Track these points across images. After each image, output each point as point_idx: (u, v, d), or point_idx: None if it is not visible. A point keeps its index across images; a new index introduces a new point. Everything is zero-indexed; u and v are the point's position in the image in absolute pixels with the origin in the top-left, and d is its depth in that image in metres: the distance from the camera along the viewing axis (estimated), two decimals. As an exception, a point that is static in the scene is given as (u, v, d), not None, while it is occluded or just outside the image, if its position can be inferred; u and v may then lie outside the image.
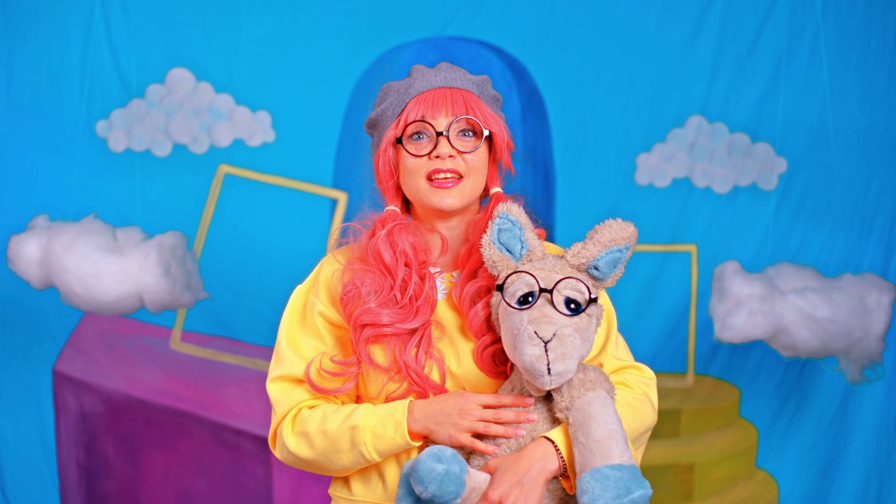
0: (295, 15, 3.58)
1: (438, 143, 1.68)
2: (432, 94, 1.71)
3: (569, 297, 1.59)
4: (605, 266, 1.62)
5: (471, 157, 1.69)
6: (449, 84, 1.71)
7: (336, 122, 3.63)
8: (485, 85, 1.76)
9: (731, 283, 3.26)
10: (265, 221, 3.64)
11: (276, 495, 3.63)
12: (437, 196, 1.69)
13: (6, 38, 3.48)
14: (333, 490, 1.78)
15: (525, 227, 1.66)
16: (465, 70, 1.76)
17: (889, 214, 3.66)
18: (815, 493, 3.72)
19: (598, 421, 1.55)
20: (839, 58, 3.61)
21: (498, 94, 1.79)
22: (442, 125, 1.69)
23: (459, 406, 1.61)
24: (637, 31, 3.64)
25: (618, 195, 3.69)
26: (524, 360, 1.55)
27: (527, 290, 1.60)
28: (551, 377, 1.54)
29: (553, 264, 1.63)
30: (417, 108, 1.70)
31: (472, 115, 1.69)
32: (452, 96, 1.70)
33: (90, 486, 3.67)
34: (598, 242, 1.62)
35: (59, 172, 3.54)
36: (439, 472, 1.51)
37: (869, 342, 3.28)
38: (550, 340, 1.54)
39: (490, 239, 1.65)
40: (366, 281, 1.70)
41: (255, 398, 3.65)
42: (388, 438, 1.63)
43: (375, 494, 1.71)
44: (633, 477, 1.49)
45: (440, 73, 1.73)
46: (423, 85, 1.72)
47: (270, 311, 3.65)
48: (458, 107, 1.69)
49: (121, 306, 3.22)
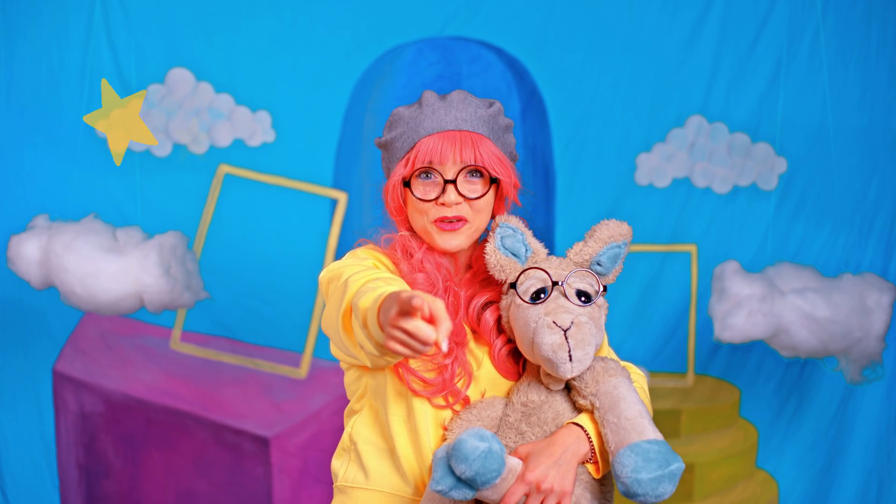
0: (295, 15, 3.58)
1: (446, 190, 1.70)
2: (441, 137, 1.71)
3: (580, 289, 1.66)
4: (608, 261, 1.70)
5: (477, 201, 1.72)
6: (458, 126, 1.71)
7: (336, 122, 3.63)
8: (496, 118, 1.76)
9: (731, 283, 3.26)
10: (265, 221, 3.64)
11: (276, 495, 3.63)
12: (442, 239, 1.73)
13: (6, 38, 3.48)
14: (345, 481, 1.79)
15: (526, 233, 1.73)
16: (477, 102, 1.75)
17: (889, 214, 3.66)
18: (815, 493, 3.72)
19: (627, 402, 1.62)
20: (839, 58, 3.61)
21: (509, 122, 1.80)
22: (450, 173, 1.70)
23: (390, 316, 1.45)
24: (637, 31, 3.64)
25: (618, 195, 3.69)
26: (544, 349, 1.61)
27: (540, 286, 1.66)
28: (572, 364, 1.60)
29: (559, 262, 1.71)
30: (426, 153, 1.71)
31: (480, 162, 1.71)
32: (462, 141, 1.71)
33: (90, 486, 3.67)
34: (598, 240, 1.70)
35: (59, 172, 3.54)
36: (483, 449, 1.54)
37: (869, 342, 3.28)
38: (569, 328, 1.61)
39: (495, 246, 1.71)
40: (416, 283, 1.73)
41: (255, 398, 3.66)
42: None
43: (394, 485, 1.73)
44: (669, 451, 1.56)
45: (450, 112, 1.72)
46: (432, 125, 1.72)
47: (270, 311, 3.65)
48: (468, 153, 1.70)
49: (121, 306, 3.22)
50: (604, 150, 3.69)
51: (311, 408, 3.66)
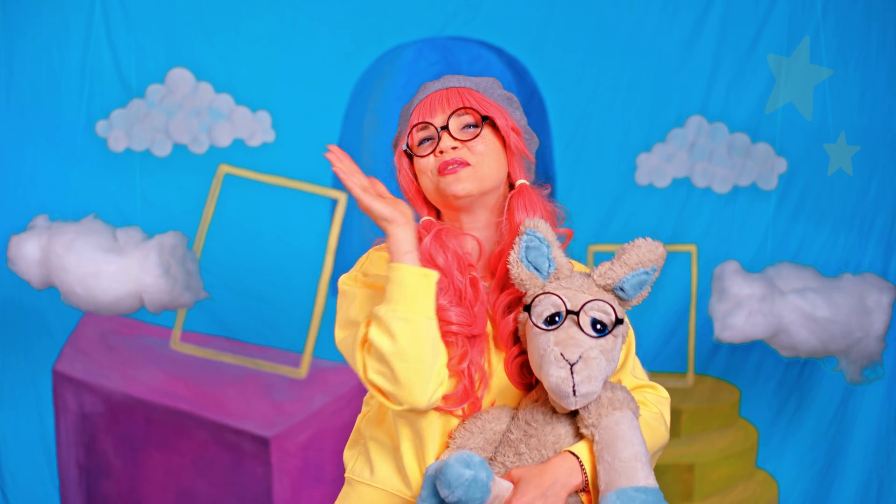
0: (295, 14, 3.58)
1: (441, 139, 1.71)
2: (430, 97, 1.75)
3: (595, 319, 1.60)
4: (631, 288, 1.63)
5: (476, 145, 1.71)
6: (445, 86, 1.76)
7: (336, 122, 3.63)
8: (490, 85, 1.79)
9: (731, 283, 3.26)
10: (265, 221, 3.64)
11: (276, 495, 3.63)
12: (446, 183, 1.70)
13: (6, 37, 3.48)
14: (353, 473, 1.80)
15: (552, 245, 1.67)
16: (469, 77, 1.79)
17: (889, 214, 3.66)
18: (815, 493, 3.72)
19: (625, 441, 1.58)
20: (839, 58, 3.61)
21: (510, 95, 1.81)
22: (440, 121, 1.72)
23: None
24: (637, 31, 3.64)
25: (618, 195, 3.69)
26: (550, 381, 1.57)
27: (553, 311, 1.61)
28: (576, 398, 1.57)
29: (580, 283, 1.64)
30: (418, 114, 1.74)
31: (467, 104, 1.72)
32: (448, 95, 1.74)
33: (90, 486, 3.67)
34: (625, 264, 1.63)
35: (59, 172, 3.54)
36: (467, 477, 1.53)
37: (869, 342, 3.28)
38: (576, 363, 1.56)
39: (517, 257, 1.66)
40: (435, 265, 1.69)
41: (255, 398, 3.65)
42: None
43: (395, 486, 1.73)
44: (657, 500, 1.52)
45: (438, 81, 1.78)
46: (423, 94, 1.77)
47: (270, 311, 3.65)
48: (454, 101, 1.73)
49: (121, 306, 3.22)
50: (604, 150, 3.69)
51: (311, 408, 3.65)
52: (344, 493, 1.82)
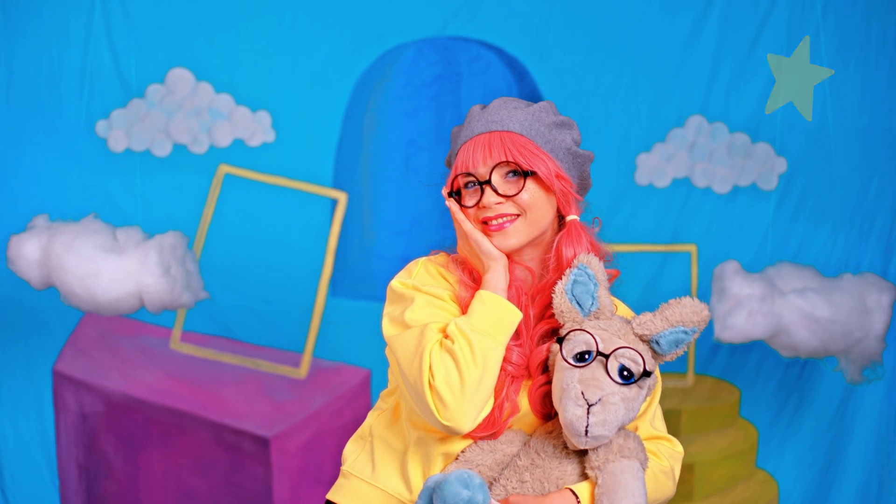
0: (295, 14, 3.58)
1: (484, 192, 1.69)
2: (473, 142, 1.71)
3: (623, 366, 1.62)
4: (667, 344, 1.66)
5: (521, 197, 1.69)
6: (488, 128, 1.71)
7: (336, 122, 3.63)
8: (537, 115, 1.73)
9: (731, 283, 3.26)
10: (265, 221, 3.64)
11: (276, 495, 3.63)
12: (497, 241, 1.70)
13: (6, 38, 3.48)
14: (352, 468, 1.80)
15: (600, 284, 1.68)
16: (516, 103, 1.74)
17: (889, 214, 3.66)
18: (815, 493, 3.72)
19: (627, 491, 1.59)
20: (839, 58, 3.61)
21: (561, 119, 1.76)
22: (483, 172, 1.69)
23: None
24: (637, 32, 3.63)
25: (618, 195, 3.69)
26: (566, 416, 1.59)
27: (584, 349, 1.62)
28: (587, 439, 1.58)
29: (618, 328, 1.65)
30: (461, 161, 1.71)
31: (509, 157, 1.68)
32: (490, 142, 1.69)
33: (90, 486, 3.67)
34: (667, 319, 1.66)
35: (59, 172, 3.54)
36: (463, 497, 1.53)
37: (869, 342, 3.28)
38: (595, 404, 1.58)
39: (563, 288, 1.67)
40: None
41: (255, 398, 3.66)
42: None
43: (395, 488, 1.73)
44: None
45: (483, 118, 1.72)
46: (467, 133, 1.73)
47: (270, 311, 3.65)
48: (497, 152, 1.69)
49: (121, 306, 3.22)
50: (604, 150, 3.68)
51: (311, 408, 3.66)
52: (338, 486, 1.82)
